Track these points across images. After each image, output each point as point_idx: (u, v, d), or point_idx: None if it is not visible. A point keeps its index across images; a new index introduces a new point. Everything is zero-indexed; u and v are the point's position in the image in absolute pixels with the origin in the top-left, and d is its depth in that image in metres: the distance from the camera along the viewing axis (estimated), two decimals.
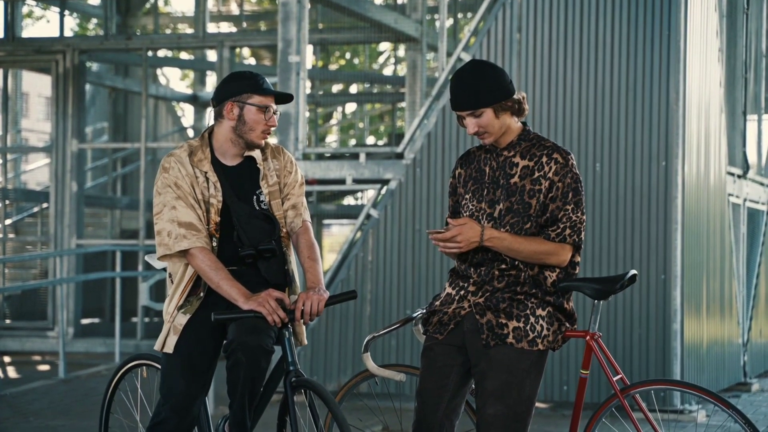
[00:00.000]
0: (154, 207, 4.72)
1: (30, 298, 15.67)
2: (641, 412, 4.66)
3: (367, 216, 9.82)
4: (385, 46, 24.81)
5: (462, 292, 4.54)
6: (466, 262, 4.56)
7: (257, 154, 4.81)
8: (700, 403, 9.03)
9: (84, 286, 14.71)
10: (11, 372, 12.16)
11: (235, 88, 4.72)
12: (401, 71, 20.13)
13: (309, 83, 16.21)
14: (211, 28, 19.07)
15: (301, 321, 4.63)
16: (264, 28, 20.59)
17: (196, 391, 4.67)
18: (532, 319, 4.44)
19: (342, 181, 9.98)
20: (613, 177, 9.17)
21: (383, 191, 9.85)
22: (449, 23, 15.59)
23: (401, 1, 15.18)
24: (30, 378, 11.36)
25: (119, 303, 12.20)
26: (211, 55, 20.68)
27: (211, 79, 22.94)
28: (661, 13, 9.11)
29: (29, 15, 24.32)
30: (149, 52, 15.32)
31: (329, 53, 23.40)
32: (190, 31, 18.41)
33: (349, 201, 20.67)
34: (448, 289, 4.60)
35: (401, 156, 9.77)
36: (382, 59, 25.89)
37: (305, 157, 10.05)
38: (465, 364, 4.52)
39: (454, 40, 14.34)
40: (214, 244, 4.69)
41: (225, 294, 4.58)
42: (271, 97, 4.74)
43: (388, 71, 25.50)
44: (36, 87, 43.40)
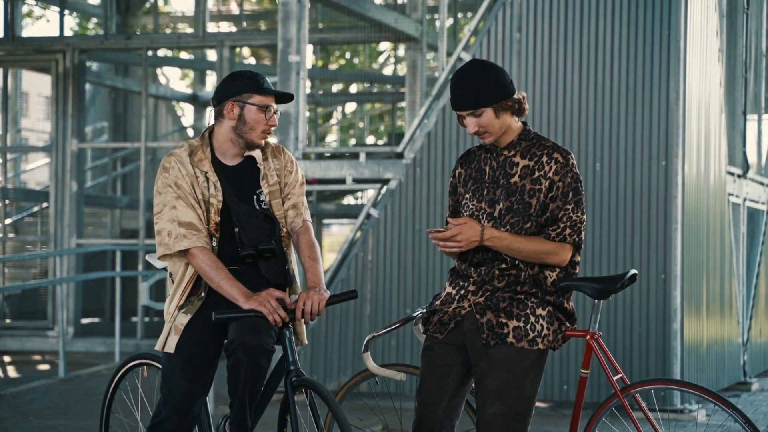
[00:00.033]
0: (154, 207, 4.71)
1: (30, 298, 15.67)
2: (641, 412, 4.67)
3: (367, 216, 9.83)
4: (385, 46, 24.80)
5: (462, 292, 4.54)
6: (466, 262, 4.56)
7: (257, 154, 4.80)
8: (700, 402, 9.03)
9: (84, 286, 14.70)
10: (11, 371, 12.15)
11: (236, 87, 4.71)
12: (401, 71, 20.11)
13: (309, 83, 16.19)
14: (211, 27, 19.08)
15: (302, 320, 4.63)
16: (264, 28, 20.59)
17: (197, 390, 4.67)
18: (533, 318, 4.44)
19: (342, 181, 9.98)
20: (613, 177, 9.17)
21: (383, 191, 9.85)
22: (449, 23, 15.57)
23: (401, 0, 15.17)
24: (30, 377, 11.35)
25: (119, 302, 12.20)
26: (211, 55, 20.67)
27: (211, 78, 22.95)
28: (661, 13, 9.11)
29: (29, 14, 24.29)
30: (149, 52, 15.31)
31: (329, 53, 23.39)
32: (190, 30, 18.41)
33: (349, 201, 20.65)
34: (449, 289, 4.61)
35: (401, 156, 9.77)
36: (382, 59, 25.87)
37: (305, 156, 10.05)
38: (465, 364, 4.52)
39: (454, 40, 14.33)
40: (214, 244, 4.69)
41: (225, 294, 4.58)
42: (271, 97, 4.74)
43: (388, 71, 25.47)
44: (36, 86, 43.37)
